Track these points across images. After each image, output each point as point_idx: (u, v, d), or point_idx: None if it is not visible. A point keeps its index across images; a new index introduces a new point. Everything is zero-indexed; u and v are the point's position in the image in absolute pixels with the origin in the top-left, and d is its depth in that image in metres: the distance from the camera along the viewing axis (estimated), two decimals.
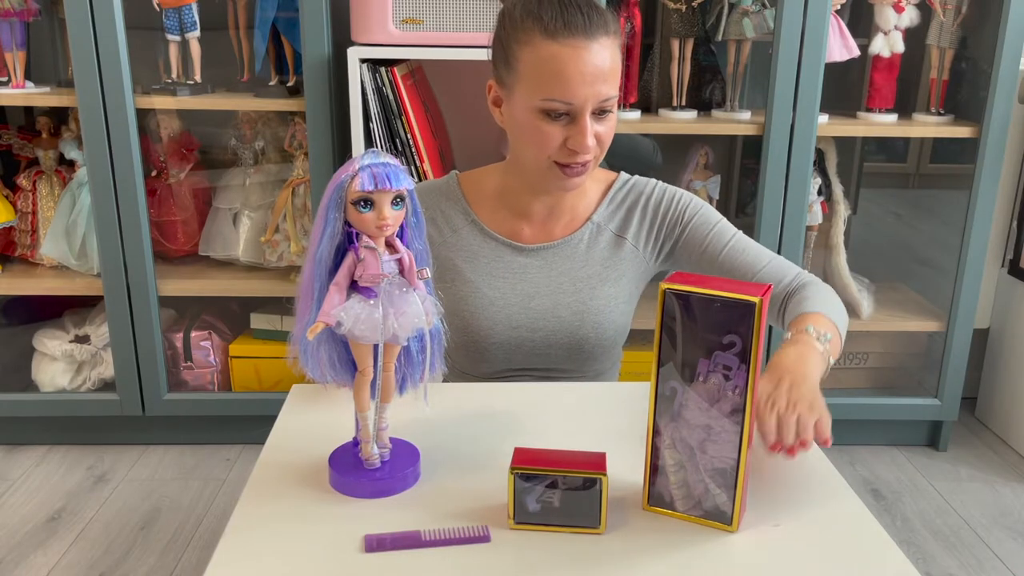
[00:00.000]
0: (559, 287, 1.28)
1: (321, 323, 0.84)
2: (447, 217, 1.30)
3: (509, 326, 1.27)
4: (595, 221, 1.30)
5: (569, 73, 1.11)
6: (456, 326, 1.26)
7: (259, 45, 2.14)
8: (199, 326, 2.35)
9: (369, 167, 0.82)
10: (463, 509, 0.90)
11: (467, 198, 1.31)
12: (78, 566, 1.85)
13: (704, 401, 0.85)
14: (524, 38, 1.13)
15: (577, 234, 1.29)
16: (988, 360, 2.52)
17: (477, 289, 1.28)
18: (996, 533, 2.02)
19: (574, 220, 1.30)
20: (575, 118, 1.14)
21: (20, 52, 2.13)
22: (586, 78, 1.11)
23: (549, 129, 1.15)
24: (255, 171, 2.29)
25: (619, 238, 1.30)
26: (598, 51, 1.12)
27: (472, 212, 1.31)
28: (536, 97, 1.13)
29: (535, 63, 1.13)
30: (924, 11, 2.18)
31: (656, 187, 1.32)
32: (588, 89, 1.12)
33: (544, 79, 1.12)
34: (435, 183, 1.35)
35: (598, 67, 1.12)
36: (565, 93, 1.12)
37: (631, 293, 1.32)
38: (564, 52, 1.11)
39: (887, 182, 2.64)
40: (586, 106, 1.12)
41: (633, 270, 1.31)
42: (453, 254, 1.29)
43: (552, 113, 1.14)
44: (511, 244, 1.29)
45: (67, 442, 2.35)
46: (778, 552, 0.85)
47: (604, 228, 1.31)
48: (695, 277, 0.86)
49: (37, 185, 2.26)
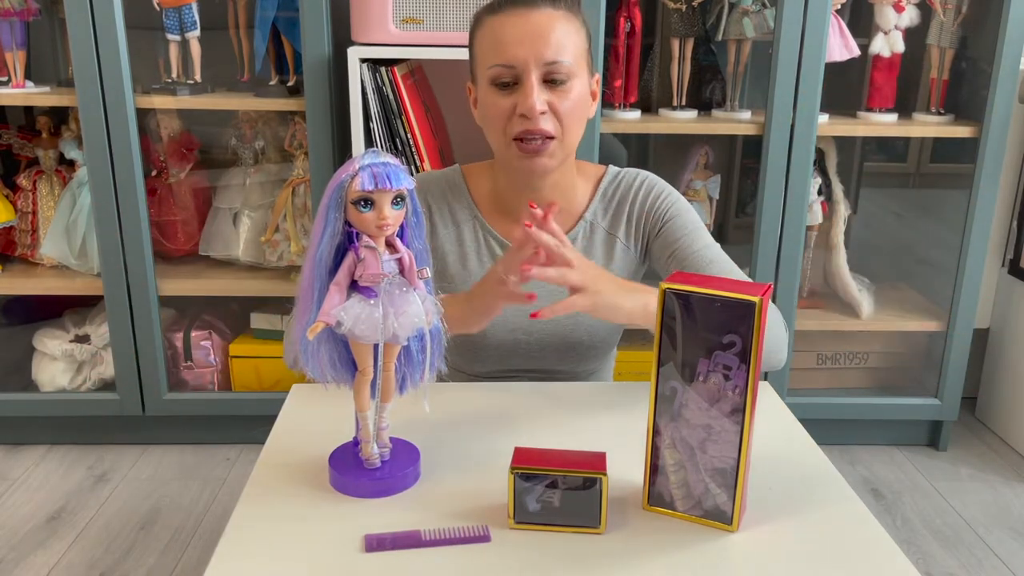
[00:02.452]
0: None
1: (321, 323, 0.84)
2: (451, 211, 1.30)
3: (506, 329, 1.27)
4: (587, 219, 1.30)
5: (506, 37, 1.15)
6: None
7: (259, 45, 2.14)
8: (199, 326, 2.35)
9: (369, 167, 0.82)
10: (463, 509, 0.90)
11: (472, 193, 1.32)
12: (78, 566, 1.85)
13: (704, 401, 0.85)
14: (477, 26, 1.21)
15: (571, 233, 1.29)
16: (988, 360, 2.52)
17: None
18: (996, 533, 2.02)
19: (566, 218, 1.30)
20: (522, 83, 1.15)
21: (20, 52, 2.13)
22: (525, 38, 1.14)
23: (500, 101, 1.17)
24: (255, 171, 2.28)
25: (611, 236, 1.30)
26: (540, 17, 1.15)
27: (476, 207, 1.31)
28: (484, 71, 1.18)
29: (481, 40, 1.19)
30: (924, 11, 2.18)
31: (644, 182, 1.31)
32: (527, 49, 1.14)
33: (487, 50, 1.17)
34: (438, 175, 1.35)
35: (536, 30, 1.14)
36: (504, 55, 1.15)
37: None
38: (501, 19, 1.16)
39: (887, 182, 2.64)
40: (528, 67, 1.14)
41: (626, 269, 1.31)
42: (451, 250, 1.30)
43: (499, 82, 1.16)
44: (508, 246, 1.28)
45: (67, 442, 2.35)
46: (778, 552, 0.85)
47: (597, 226, 1.30)
48: (696, 277, 0.86)
49: (37, 185, 2.26)
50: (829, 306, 2.37)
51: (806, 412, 1.45)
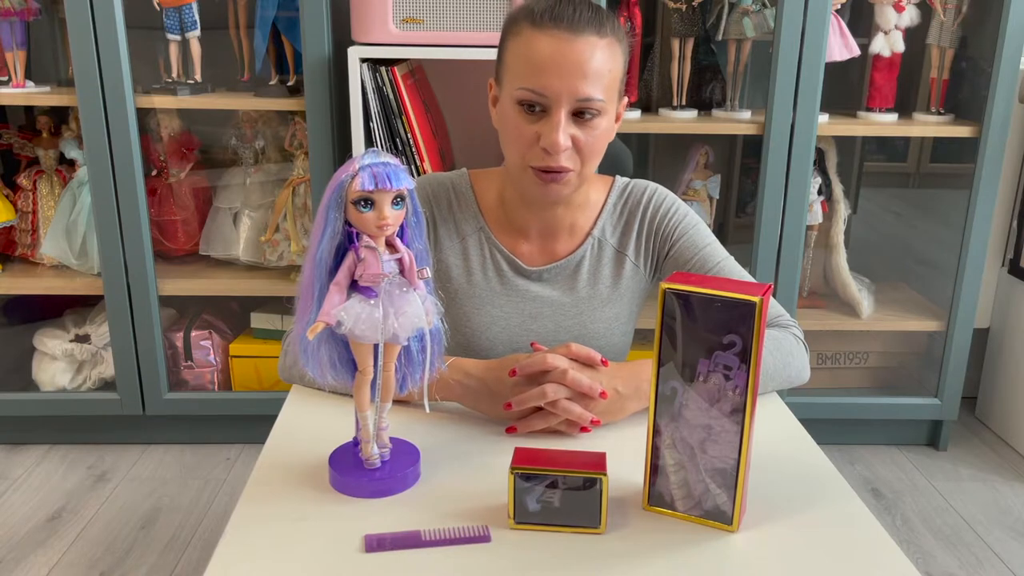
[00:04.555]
0: (560, 309, 1.25)
1: (321, 323, 0.84)
2: (456, 223, 1.26)
3: (510, 347, 1.25)
4: (595, 236, 1.25)
5: (545, 62, 1.08)
6: (457, 341, 1.25)
7: (259, 44, 2.14)
8: (199, 325, 2.35)
9: (369, 167, 0.82)
10: (463, 509, 0.90)
11: (479, 203, 1.27)
12: (78, 565, 1.85)
13: (704, 401, 0.85)
14: (514, 29, 1.13)
15: (579, 251, 1.25)
16: (988, 360, 2.52)
17: (480, 308, 1.24)
18: (996, 532, 2.02)
19: (575, 235, 1.26)
20: (549, 114, 1.09)
21: (20, 51, 2.13)
22: (562, 70, 1.07)
23: (524, 125, 1.11)
24: (255, 170, 2.29)
25: (620, 255, 1.26)
26: (582, 47, 1.08)
27: (483, 218, 1.26)
28: (514, 87, 1.11)
29: (517, 51, 1.11)
30: (924, 10, 2.18)
31: (654, 197, 1.27)
32: (563, 82, 1.07)
33: (522, 67, 1.10)
34: (445, 181, 1.29)
35: (577, 62, 1.08)
36: (538, 82, 1.08)
37: (631, 312, 1.29)
38: (543, 40, 1.09)
39: (887, 181, 2.64)
40: (560, 100, 1.08)
41: (634, 288, 1.28)
42: (456, 263, 1.25)
43: (527, 105, 1.10)
44: (515, 262, 1.25)
45: (67, 441, 2.35)
46: (778, 552, 0.85)
47: (606, 243, 1.26)
48: (695, 277, 0.86)
49: (37, 184, 2.26)
50: (829, 306, 2.37)
51: (806, 412, 1.45)
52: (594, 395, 1.04)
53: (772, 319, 1.23)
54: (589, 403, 1.05)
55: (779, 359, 1.16)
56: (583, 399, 1.04)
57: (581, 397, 1.04)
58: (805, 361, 1.22)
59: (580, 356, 1.06)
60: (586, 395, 1.04)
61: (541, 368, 1.05)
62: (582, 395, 1.04)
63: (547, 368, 1.04)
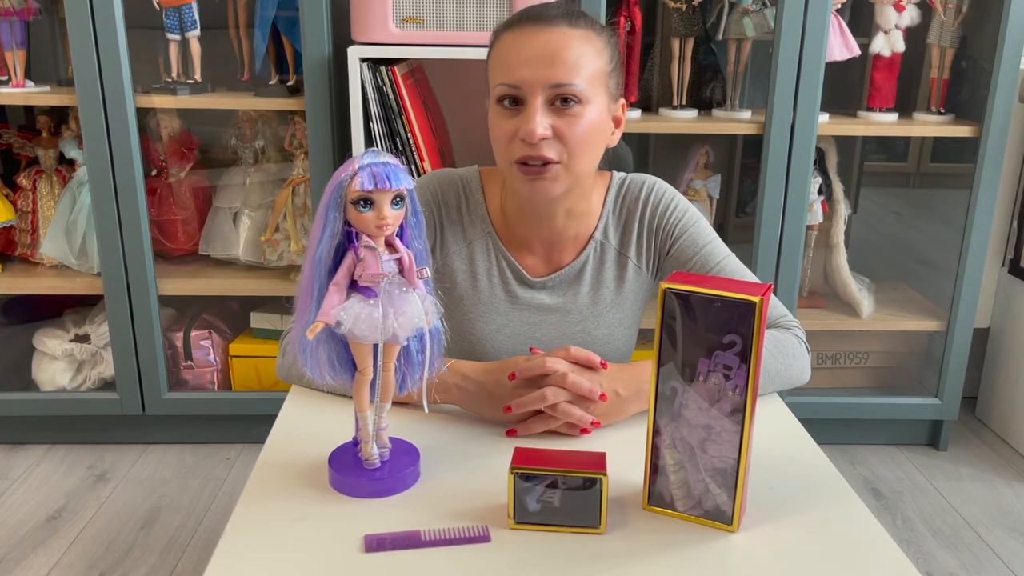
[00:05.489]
0: (565, 316, 1.25)
1: (321, 323, 0.84)
2: (463, 227, 1.24)
3: (513, 355, 1.22)
4: (597, 239, 1.24)
5: (515, 56, 1.09)
6: (460, 347, 1.24)
7: (259, 44, 2.14)
8: (199, 325, 2.35)
9: (369, 166, 0.82)
10: (463, 509, 0.90)
11: (488, 206, 1.25)
12: (78, 565, 1.85)
13: (704, 401, 0.85)
14: (494, 41, 1.15)
15: (582, 256, 1.24)
16: (988, 360, 2.52)
17: (484, 315, 1.24)
18: (996, 532, 2.02)
19: (578, 239, 1.24)
20: (525, 105, 1.09)
21: (20, 51, 2.13)
22: (532, 60, 1.08)
23: (505, 122, 1.11)
24: (255, 170, 2.28)
25: (622, 256, 1.25)
26: (553, 36, 1.09)
27: (490, 221, 1.24)
28: (493, 90, 1.13)
29: (495, 56, 1.14)
30: (925, 10, 2.18)
31: (652, 193, 1.25)
32: (534, 71, 1.07)
33: (498, 67, 1.12)
34: (456, 178, 1.27)
35: (547, 50, 1.08)
36: (511, 75, 1.09)
37: (634, 315, 1.29)
38: (513, 36, 1.11)
39: (887, 181, 2.64)
40: (534, 90, 1.07)
41: (636, 290, 1.27)
42: (461, 267, 1.24)
43: (505, 101, 1.10)
44: (520, 273, 1.24)
45: (67, 441, 2.35)
46: (778, 552, 0.85)
47: (608, 246, 1.25)
48: (695, 277, 0.86)
49: (37, 184, 2.26)
50: (829, 306, 2.37)
51: (806, 412, 1.45)
52: (594, 398, 1.04)
53: (775, 320, 1.23)
54: (589, 406, 1.05)
55: (781, 361, 1.16)
56: (583, 402, 1.04)
57: (581, 400, 1.04)
58: (807, 363, 1.21)
59: (579, 359, 1.07)
60: (586, 398, 1.04)
61: (540, 371, 1.05)
62: (582, 398, 1.04)
63: (546, 371, 1.04)
